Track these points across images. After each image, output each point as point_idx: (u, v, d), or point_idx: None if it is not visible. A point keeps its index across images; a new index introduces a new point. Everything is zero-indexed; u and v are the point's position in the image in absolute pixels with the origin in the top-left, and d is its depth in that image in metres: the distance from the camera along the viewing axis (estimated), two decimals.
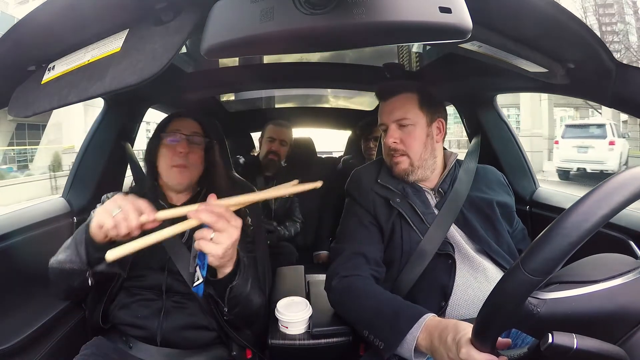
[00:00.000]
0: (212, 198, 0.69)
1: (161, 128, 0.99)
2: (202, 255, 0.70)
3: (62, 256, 0.79)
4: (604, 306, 0.47)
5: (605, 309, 0.47)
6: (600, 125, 8.55)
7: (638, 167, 0.45)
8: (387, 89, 1.00)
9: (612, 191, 0.44)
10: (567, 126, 9.51)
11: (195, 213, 0.66)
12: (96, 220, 0.70)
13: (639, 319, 0.46)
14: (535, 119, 12.80)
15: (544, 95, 13.98)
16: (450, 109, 1.49)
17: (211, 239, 0.67)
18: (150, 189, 0.98)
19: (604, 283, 0.48)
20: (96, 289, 0.93)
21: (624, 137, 9.22)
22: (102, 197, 1.01)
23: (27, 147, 12.62)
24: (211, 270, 0.74)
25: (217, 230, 0.66)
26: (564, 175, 9.18)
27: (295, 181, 0.71)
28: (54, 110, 0.63)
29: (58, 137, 11.42)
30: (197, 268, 0.72)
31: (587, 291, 0.47)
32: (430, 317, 0.73)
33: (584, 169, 8.50)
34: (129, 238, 0.67)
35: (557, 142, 9.24)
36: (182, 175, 0.95)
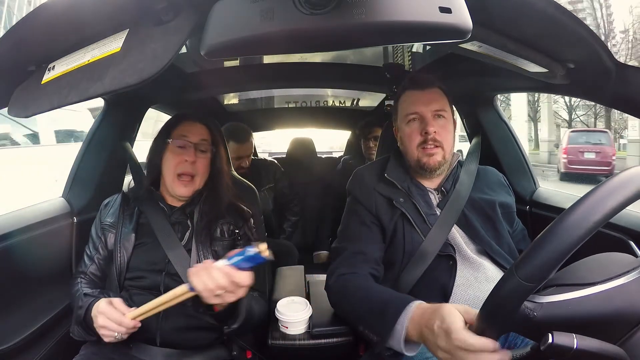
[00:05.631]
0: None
1: (168, 130, 0.97)
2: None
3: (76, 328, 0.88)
4: (601, 309, 0.47)
5: (603, 312, 0.47)
6: None
7: (629, 171, 0.45)
8: (425, 78, 0.98)
9: (604, 197, 0.43)
10: None
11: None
12: (102, 335, 0.80)
13: (638, 319, 0.46)
14: None
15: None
16: None
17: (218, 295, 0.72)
18: (148, 192, 0.98)
19: (602, 285, 0.47)
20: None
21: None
22: (101, 205, 1.01)
23: None
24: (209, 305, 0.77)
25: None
26: None
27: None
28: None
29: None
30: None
31: (584, 294, 0.47)
32: (416, 305, 0.71)
33: None
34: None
35: None
36: (187, 189, 0.95)
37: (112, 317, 0.77)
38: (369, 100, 2.35)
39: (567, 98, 16.76)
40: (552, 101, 16.34)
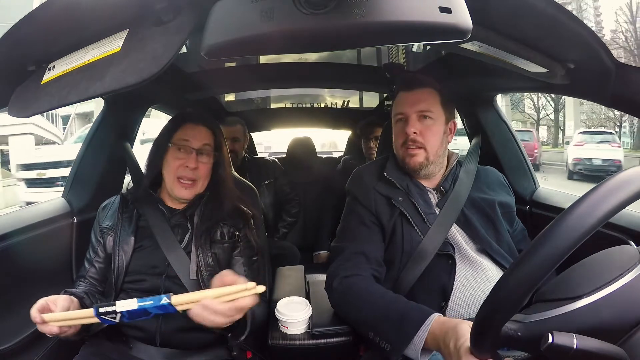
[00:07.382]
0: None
1: (170, 132, 0.95)
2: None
3: None
4: (587, 322, 0.46)
5: (591, 324, 0.46)
6: None
7: (604, 187, 0.43)
8: (414, 79, 0.99)
9: (570, 227, 0.41)
10: None
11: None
12: None
13: (633, 323, 0.45)
14: None
15: None
16: None
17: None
18: (147, 194, 0.97)
19: (589, 297, 0.47)
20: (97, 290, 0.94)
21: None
22: (99, 207, 1.00)
23: None
24: None
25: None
26: None
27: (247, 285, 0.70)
28: None
29: None
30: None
31: (569, 309, 0.47)
32: (435, 319, 0.72)
33: None
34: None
35: None
36: (188, 191, 0.94)
37: (33, 313, 0.72)
38: (370, 100, 2.35)
39: (535, 99, 18.78)
40: (511, 104, 18.77)
